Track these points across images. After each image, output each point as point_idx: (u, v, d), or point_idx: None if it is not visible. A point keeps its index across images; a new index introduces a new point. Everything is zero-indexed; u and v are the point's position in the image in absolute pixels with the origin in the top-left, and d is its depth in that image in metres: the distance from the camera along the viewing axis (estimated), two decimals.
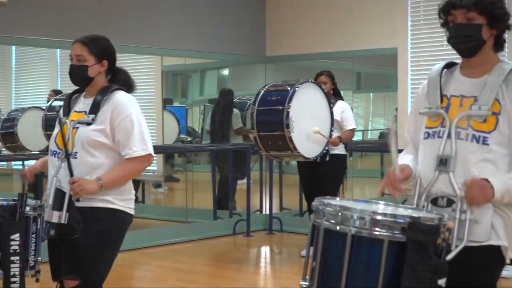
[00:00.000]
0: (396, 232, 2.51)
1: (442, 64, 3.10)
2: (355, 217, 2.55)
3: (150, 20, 8.66)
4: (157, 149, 8.54)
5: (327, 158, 7.11)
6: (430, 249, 2.51)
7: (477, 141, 2.86)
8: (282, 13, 9.83)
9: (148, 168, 3.88)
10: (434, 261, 2.53)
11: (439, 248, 2.59)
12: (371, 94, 11.69)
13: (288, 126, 6.50)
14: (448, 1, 2.92)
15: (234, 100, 10.26)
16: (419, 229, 2.49)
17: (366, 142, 11.08)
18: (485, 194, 2.76)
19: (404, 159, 3.08)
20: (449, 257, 2.69)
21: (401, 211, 2.74)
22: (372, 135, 11.57)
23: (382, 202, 2.86)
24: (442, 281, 2.58)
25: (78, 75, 3.77)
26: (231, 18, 9.61)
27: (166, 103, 10.25)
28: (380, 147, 10.35)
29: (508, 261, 2.92)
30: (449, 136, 2.89)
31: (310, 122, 6.82)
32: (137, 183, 3.54)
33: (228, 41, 9.57)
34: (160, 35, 8.78)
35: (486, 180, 2.78)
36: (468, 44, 2.91)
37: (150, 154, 3.71)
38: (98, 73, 3.75)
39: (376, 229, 2.52)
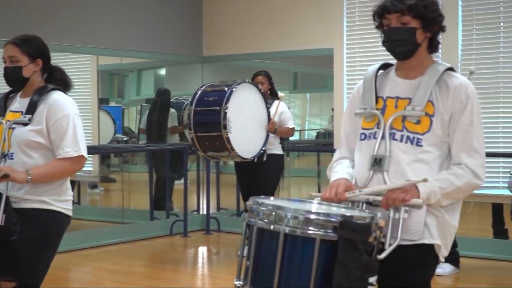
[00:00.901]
0: (329, 231, 2.54)
1: (377, 65, 3.12)
2: (289, 216, 2.57)
3: (86, 19, 8.56)
4: (93, 149, 8.58)
5: (265, 158, 7.13)
6: (361, 247, 2.54)
7: (411, 142, 2.89)
8: (219, 13, 9.83)
9: (84, 168, 3.86)
10: (365, 259, 2.56)
11: (370, 247, 2.62)
12: (308, 94, 11.76)
13: (225, 127, 6.52)
14: (383, 6, 2.94)
15: (171, 100, 10.23)
16: (350, 228, 2.53)
17: (303, 142, 11.14)
18: (412, 191, 2.80)
19: (340, 170, 3.08)
20: (383, 255, 2.72)
21: (334, 210, 2.77)
22: (309, 135, 11.63)
23: (316, 201, 2.89)
24: (373, 279, 2.61)
25: (13, 76, 3.72)
26: (168, 18, 9.57)
27: (102, 103, 10.14)
28: (317, 147, 10.45)
29: (442, 259, 2.97)
30: (383, 137, 2.92)
31: (248, 122, 6.85)
32: (72, 184, 3.53)
33: (165, 41, 9.54)
34: (96, 34, 8.69)
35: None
36: (403, 47, 2.93)
37: (82, 156, 3.69)
38: (33, 72, 3.72)
39: (309, 228, 2.54)
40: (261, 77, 7.40)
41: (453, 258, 6.73)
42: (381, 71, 3.12)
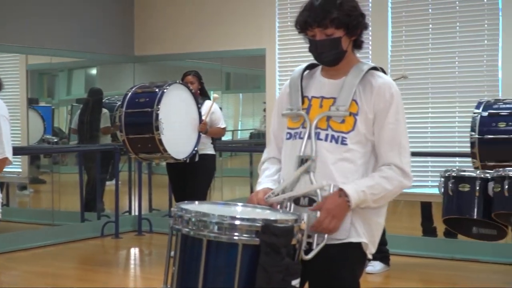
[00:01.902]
0: (249, 235, 2.53)
1: (303, 65, 3.13)
2: (213, 223, 2.55)
3: (14, 18, 8.40)
4: (22, 150, 8.42)
5: (197, 159, 7.11)
6: (283, 251, 2.52)
7: (336, 142, 2.90)
8: (151, 12, 9.77)
9: (12, 170, 3.80)
10: (287, 262, 2.55)
11: (293, 249, 2.62)
12: (241, 94, 11.78)
13: (157, 128, 6.49)
14: (304, 20, 2.92)
15: (103, 100, 10.11)
16: (272, 232, 2.51)
17: (236, 142, 11.15)
18: (341, 215, 2.81)
19: (263, 181, 3.06)
20: (310, 255, 2.73)
21: (258, 213, 2.77)
22: (242, 135, 11.65)
23: (240, 204, 2.87)
24: (296, 281, 2.61)
25: None
26: (99, 17, 9.47)
27: (32, 102, 9.96)
28: (250, 147, 10.47)
29: (370, 257, 3.01)
30: (309, 136, 2.92)
31: (180, 123, 6.82)
32: (0, 186, 3.44)
33: (96, 40, 9.43)
34: (25, 33, 8.53)
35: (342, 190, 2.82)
36: (330, 57, 2.95)
37: (6, 158, 3.62)
38: None
39: (233, 233, 2.53)
40: (190, 77, 7.38)
41: (383, 256, 6.82)
42: (307, 71, 3.13)
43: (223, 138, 8.17)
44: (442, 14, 7.87)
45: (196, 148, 6.99)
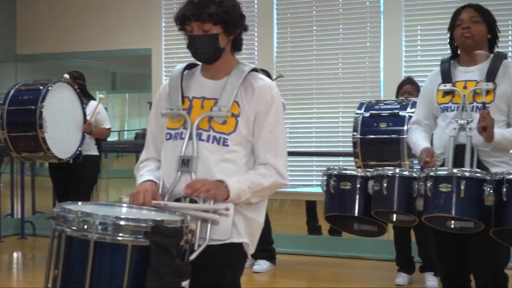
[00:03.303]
0: (139, 236, 2.49)
1: (183, 65, 3.13)
2: (97, 223, 2.49)
3: None
4: None
5: (80, 159, 6.99)
6: (173, 252, 2.51)
7: (218, 142, 2.91)
8: (34, 10, 9.53)
9: None
10: (177, 263, 2.53)
11: (182, 250, 2.60)
12: (127, 94, 11.67)
13: (41, 126, 6.33)
14: (183, 14, 2.94)
15: None
16: (162, 233, 2.49)
17: (122, 142, 11.05)
18: (220, 190, 2.82)
19: (146, 174, 3.04)
20: (192, 256, 2.72)
21: (144, 213, 2.73)
22: (129, 136, 11.55)
23: (126, 205, 2.84)
24: (185, 283, 2.61)
25: None
26: None
27: None
28: (136, 147, 10.37)
29: (249, 256, 3.04)
30: (190, 137, 2.92)
31: (64, 122, 6.69)
32: None
33: None
34: None
35: (221, 181, 2.84)
36: (207, 54, 2.96)
37: None
38: None
39: (119, 234, 2.48)
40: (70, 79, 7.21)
41: (270, 255, 6.88)
42: (186, 71, 3.13)
43: (109, 139, 8.05)
44: (326, 16, 8.02)
45: (80, 149, 6.87)
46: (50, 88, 6.49)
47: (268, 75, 5.66)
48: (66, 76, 6.92)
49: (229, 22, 2.94)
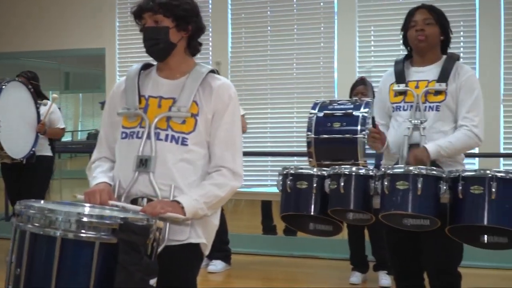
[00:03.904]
0: (106, 233, 2.47)
1: (139, 64, 3.13)
2: (61, 220, 2.45)
3: None
4: None
5: (34, 160, 6.91)
6: (141, 249, 2.50)
7: (176, 142, 2.91)
8: None
9: None
10: (146, 261, 2.52)
11: (149, 248, 2.59)
12: (80, 94, 11.57)
13: None
14: (139, 5, 2.97)
15: None
16: (131, 230, 2.47)
17: (76, 143, 10.95)
18: (177, 211, 2.79)
19: (100, 175, 3.02)
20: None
21: (107, 212, 2.70)
22: (82, 136, 11.45)
23: (88, 204, 2.81)
24: (153, 281, 2.60)
25: None
26: None
27: None
28: (89, 148, 10.28)
29: (204, 257, 3.05)
30: (148, 136, 2.91)
31: (17, 122, 6.61)
32: None
33: None
34: None
35: (178, 202, 2.82)
36: (157, 46, 2.97)
37: None
38: None
39: (83, 231, 2.45)
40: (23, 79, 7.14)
41: (225, 255, 6.88)
42: (142, 71, 3.12)
43: (63, 139, 7.97)
44: (280, 16, 8.06)
45: (34, 149, 6.79)
46: (3, 87, 6.40)
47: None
48: None
49: (180, 15, 2.96)
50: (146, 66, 3.15)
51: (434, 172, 3.57)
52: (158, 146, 2.90)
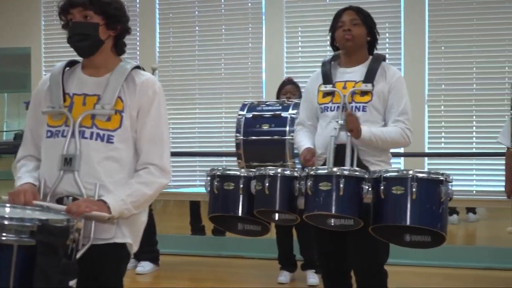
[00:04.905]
0: (25, 236, 2.42)
1: (64, 62, 3.11)
2: None
3: None
4: None
5: None
6: (60, 251, 2.47)
7: (102, 140, 2.90)
8: None
9: None
10: (64, 262, 2.49)
11: (69, 249, 2.57)
12: (6, 94, 11.37)
13: None
14: (68, 0, 2.95)
15: None
16: (49, 232, 2.44)
17: (1, 143, 10.76)
18: (103, 210, 2.78)
19: (24, 176, 2.98)
20: (77, 256, 2.69)
21: (28, 213, 2.68)
22: (7, 136, 11.27)
23: (9, 205, 2.76)
24: (73, 282, 2.58)
25: None
26: None
27: None
28: (15, 148, 10.10)
29: (132, 256, 3.04)
30: (73, 135, 2.90)
31: None
32: None
33: None
34: None
35: (104, 201, 2.81)
36: (85, 42, 2.95)
37: None
38: None
39: (3, 234, 2.40)
40: None
41: (153, 256, 6.84)
42: (67, 68, 3.10)
43: None
44: (208, 16, 8.06)
45: None
46: None
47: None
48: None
49: (111, 14, 2.95)
50: (71, 64, 3.12)
51: (357, 173, 3.62)
52: (83, 144, 2.88)
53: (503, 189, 5.90)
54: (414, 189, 3.48)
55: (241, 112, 5.74)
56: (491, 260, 6.91)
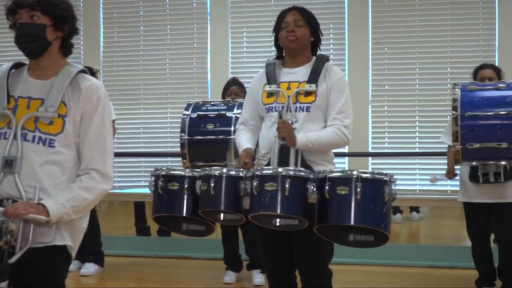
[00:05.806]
0: None
1: (10, 63, 3.07)
2: None
3: None
4: None
5: None
6: None
7: (44, 143, 2.88)
8: None
9: None
10: None
11: (1, 251, 2.55)
12: None
13: None
14: (15, 1, 2.92)
15: None
16: None
17: None
18: (42, 214, 2.75)
19: None
20: (14, 259, 2.66)
21: None
22: None
23: None
24: (4, 284, 2.55)
25: None
26: None
27: None
28: None
29: (73, 257, 3.02)
30: (15, 137, 2.87)
31: None
32: None
33: None
34: None
35: (43, 205, 2.78)
36: (32, 44, 2.92)
37: None
38: None
39: None
40: None
41: (98, 257, 6.78)
42: (13, 70, 3.07)
43: None
44: (153, 16, 8.04)
45: None
46: None
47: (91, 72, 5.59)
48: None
49: (58, 15, 2.93)
50: (17, 66, 3.08)
51: (302, 173, 3.63)
52: (24, 147, 2.86)
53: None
54: (358, 189, 3.50)
55: (186, 112, 5.72)
56: (435, 258, 7.01)
